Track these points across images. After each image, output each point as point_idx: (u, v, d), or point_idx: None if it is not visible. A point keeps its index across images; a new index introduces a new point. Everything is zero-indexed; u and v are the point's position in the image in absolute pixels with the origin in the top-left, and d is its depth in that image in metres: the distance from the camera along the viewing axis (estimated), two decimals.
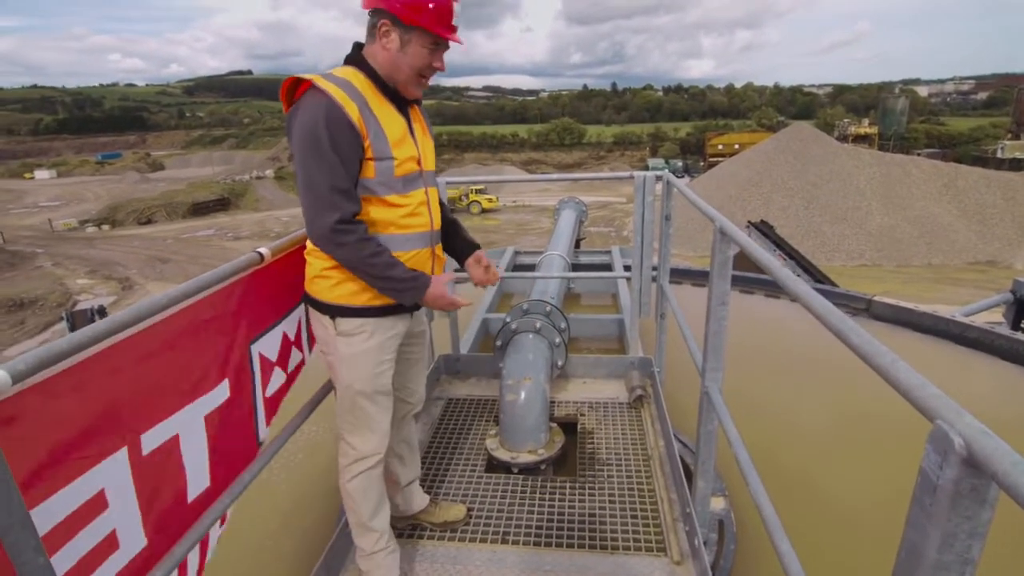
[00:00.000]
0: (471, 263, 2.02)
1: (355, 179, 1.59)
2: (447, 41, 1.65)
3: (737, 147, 57.26)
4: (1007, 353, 4.04)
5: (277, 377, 1.83)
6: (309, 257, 1.74)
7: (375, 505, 1.91)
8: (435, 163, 1.90)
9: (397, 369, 1.94)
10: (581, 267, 6.14)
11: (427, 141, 1.85)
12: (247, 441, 1.68)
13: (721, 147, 65.42)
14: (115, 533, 1.16)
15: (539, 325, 3.11)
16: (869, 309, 4.87)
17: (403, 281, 1.66)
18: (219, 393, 1.51)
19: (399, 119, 1.69)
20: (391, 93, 1.69)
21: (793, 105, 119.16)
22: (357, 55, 1.67)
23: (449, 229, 2.02)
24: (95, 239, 40.07)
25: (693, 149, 77.82)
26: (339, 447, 1.88)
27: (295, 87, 1.62)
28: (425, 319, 2.17)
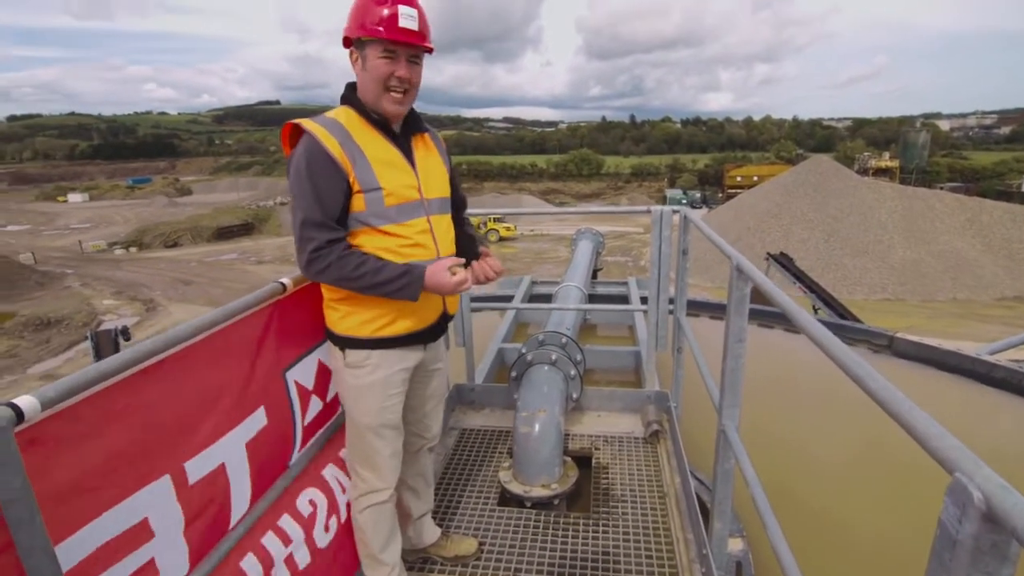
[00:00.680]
0: (475, 264, 1.95)
1: (336, 212, 1.58)
2: (401, 45, 1.57)
3: (756, 179, 57.17)
4: None
5: (315, 405, 1.86)
6: (322, 288, 1.76)
7: (386, 538, 1.89)
8: (449, 190, 1.86)
9: (413, 404, 1.93)
10: (598, 298, 6.13)
11: (434, 168, 1.80)
12: (282, 468, 1.72)
13: (740, 179, 65.54)
14: (154, 562, 1.18)
15: (555, 357, 3.11)
16: (891, 346, 4.77)
17: (398, 278, 1.60)
18: (256, 420, 1.55)
19: (389, 148, 1.67)
20: (383, 124, 1.67)
21: (812, 138, 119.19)
22: (349, 94, 1.70)
23: (465, 243, 1.95)
24: (122, 261, 41.17)
25: (711, 180, 77.95)
26: (351, 478, 1.89)
27: (295, 133, 1.64)
28: (444, 353, 2.08)
